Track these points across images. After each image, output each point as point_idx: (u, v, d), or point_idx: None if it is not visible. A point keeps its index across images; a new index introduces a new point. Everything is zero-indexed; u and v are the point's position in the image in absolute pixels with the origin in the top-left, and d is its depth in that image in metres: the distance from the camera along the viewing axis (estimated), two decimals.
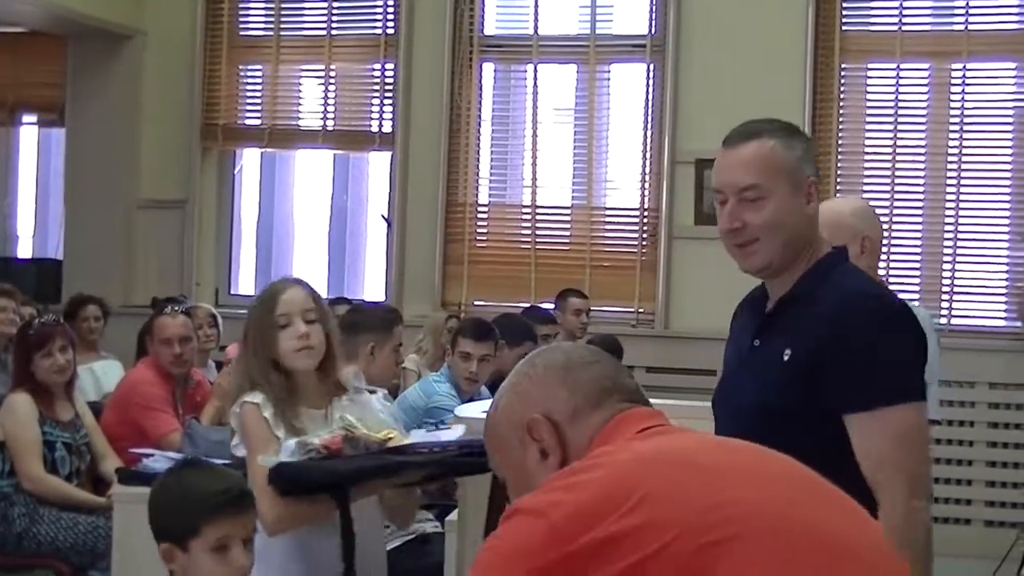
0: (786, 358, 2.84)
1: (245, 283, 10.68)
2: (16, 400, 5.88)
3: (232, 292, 10.42)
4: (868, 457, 2.73)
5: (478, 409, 4.67)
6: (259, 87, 10.34)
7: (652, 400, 2.21)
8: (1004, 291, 8.91)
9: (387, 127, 9.87)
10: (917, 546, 2.71)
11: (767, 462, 2.04)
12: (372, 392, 3.94)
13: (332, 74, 10.08)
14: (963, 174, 8.86)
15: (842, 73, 9.02)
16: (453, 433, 3.83)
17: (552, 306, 8.64)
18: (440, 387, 6.38)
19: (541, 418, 2.10)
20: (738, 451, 2.07)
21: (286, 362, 3.69)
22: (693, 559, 1.76)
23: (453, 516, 4.74)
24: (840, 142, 9.02)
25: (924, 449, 2.82)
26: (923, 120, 9.08)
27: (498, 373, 6.90)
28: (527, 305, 8.77)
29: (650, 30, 9.33)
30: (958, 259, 8.86)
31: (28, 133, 11.59)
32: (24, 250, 11.46)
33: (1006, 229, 8.94)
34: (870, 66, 9.15)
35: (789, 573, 1.80)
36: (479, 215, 9.80)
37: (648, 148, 9.30)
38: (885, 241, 8.85)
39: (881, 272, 8.58)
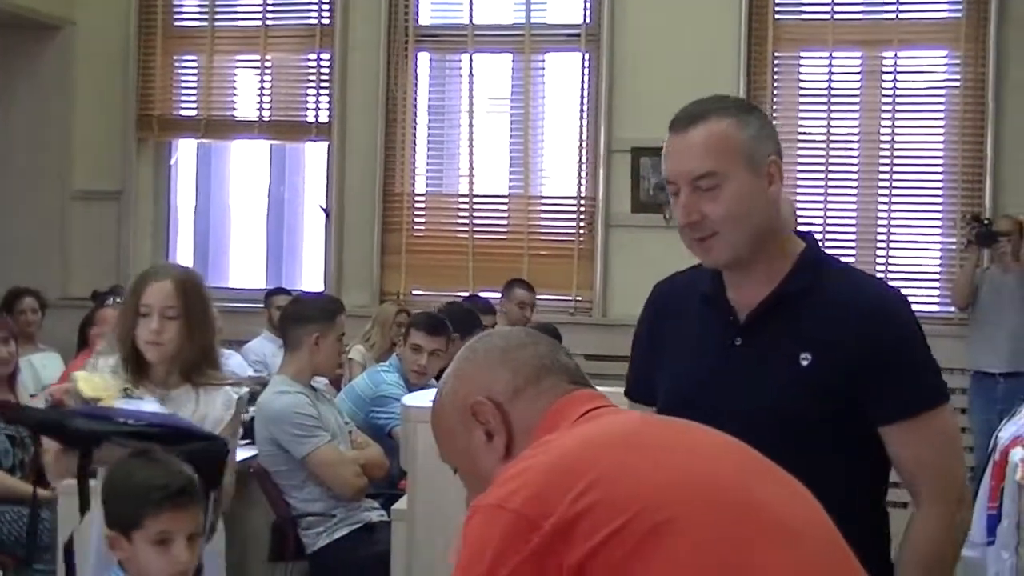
0: (804, 364, 2.58)
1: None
2: None
3: None
4: (915, 467, 2.58)
5: (427, 397, 4.72)
6: (194, 77, 10.30)
7: (610, 390, 2.24)
8: (937, 276, 9.05)
9: (323, 117, 9.87)
10: (956, 552, 2.63)
11: (711, 438, 2.07)
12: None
13: (268, 64, 10.06)
14: (896, 161, 8.99)
15: (775, 62, 9.12)
16: (151, 406, 3.78)
17: (498, 295, 8.68)
18: (388, 376, 6.42)
19: (484, 399, 2.10)
20: (681, 429, 2.09)
21: (138, 345, 3.88)
22: (647, 538, 1.79)
23: (400, 505, 4.78)
24: None
25: (962, 452, 2.72)
26: (856, 108, 9.20)
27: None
28: (466, 294, 8.82)
29: (585, 19, 9.38)
30: (892, 245, 9.00)
31: None
32: None
33: (939, 214, 9.08)
34: (803, 55, 9.26)
35: (735, 547, 1.83)
36: (416, 205, 9.82)
37: (584, 137, 9.36)
38: (821, 227, 9.03)
39: None
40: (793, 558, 1.86)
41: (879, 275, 8.83)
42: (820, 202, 9.07)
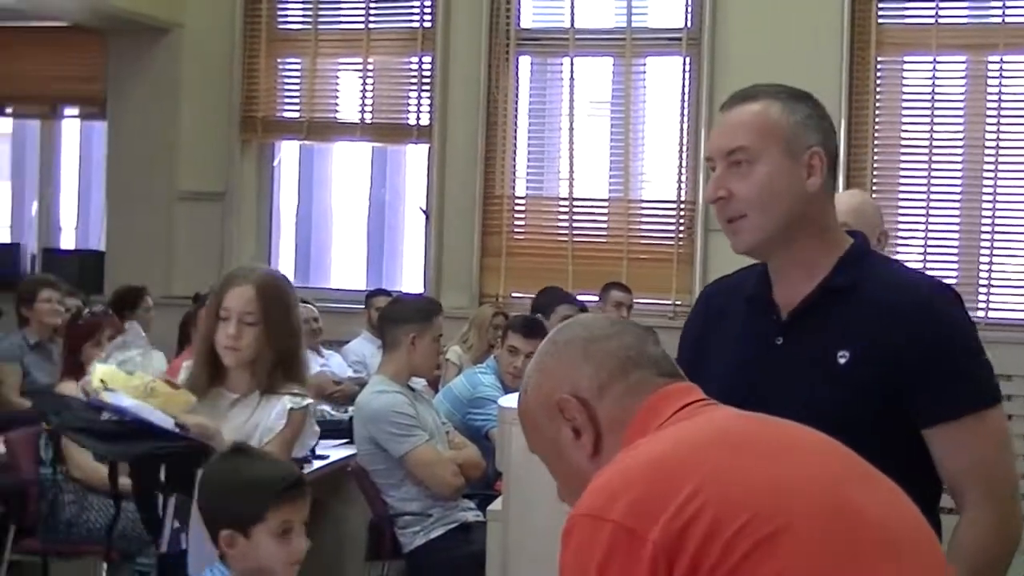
0: (842, 361, 2.50)
1: (285, 275, 10.74)
2: (65, 390, 5.97)
3: None
4: (961, 471, 2.49)
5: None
6: (297, 80, 10.42)
7: None
8: None
9: (424, 120, 9.94)
10: (1006, 557, 2.52)
11: (803, 436, 2.01)
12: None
13: (370, 67, 10.15)
14: (1000, 167, 8.87)
15: (878, 66, 9.04)
16: (128, 402, 3.59)
17: (596, 298, 8.70)
18: (485, 378, 6.47)
19: (569, 397, 2.05)
20: (775, 427, 2.02)
21: (217, 349, 3.90)
22: (760, 546, 1.72)
23: (495, 505, 4.80)
24: (876, 135, 9.04)
25: (1011, 454, 2.59)
26: (960, 113, 9.09)
27: None
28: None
29: (686, 23, 9.36)
30: (995, 252, 8.88)
31: (70, 126, 11.70)
32: (67, 241, 11.58)
33: None
34: (906, 59, 9.17)
35: (843, 563, 1.77)
36: (516, 207, 9.86)
37: (684, 141, 9.34)
38: (922, 234, 8.94)
39: (917, 265, 8.61)
40: (895, 569, 1.82)
41: (982, 283, 8.74)
42: (922, 208, 8.98)
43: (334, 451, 6.14)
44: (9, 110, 11.47)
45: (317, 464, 5.85)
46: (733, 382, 2.56)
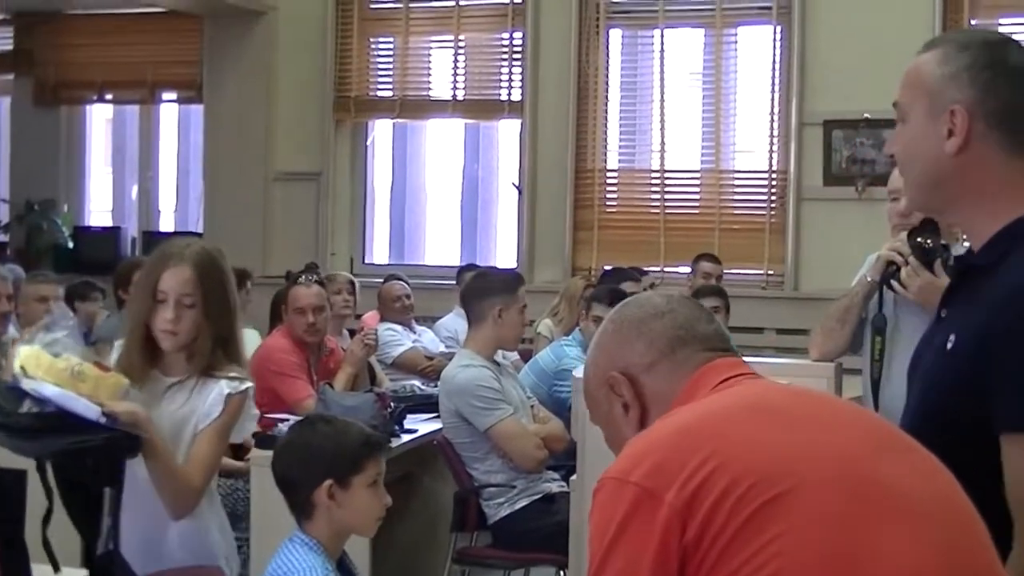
0: (949, 346, 2.24)
1: (379, 253, 10.87)
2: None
3: (367, 261, 10.62)
4: (1015, 493, 2.12)
5: None
6: (390, 59, 10.49)
7: (772, 360, 2.20)
8: None
9: (516, 95, 9.96)
10: None
11: (837, 408, 2.08)
12: None
13: (461, 44, 10.19)
14: None
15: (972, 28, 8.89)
16: (50, 391, 3.24)
17: (687, 270, 8.70)
18: (570, 350, 6.47)
19: (618, 375, 2.17)
20: (809, 398, 2.09)
21: (153, 332, 3.60)
22: (765, 508, 1.80)
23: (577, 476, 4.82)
24: None
25: None
26: None
27: None
28: (657, 269, 8.88)
29: None
30: None
31: (168, 110, 11.89)
32: (166, 224, 11.77)
33: None
34: (1001, 21, 9.02)
35: (854, 526, 1.82)
36: (608, 180, 9.86)
37: (776, 111, 9.27)
38: None
39: None
40: (912, 538, 1.83)
41: None
42: None
43: (423, 425, 6.17)
44: (109, 96, 11.67)
45: (406, 438, 5.90)
46: (914, 356, 2.46)
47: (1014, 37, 2.43)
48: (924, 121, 2.27)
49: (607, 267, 8.89)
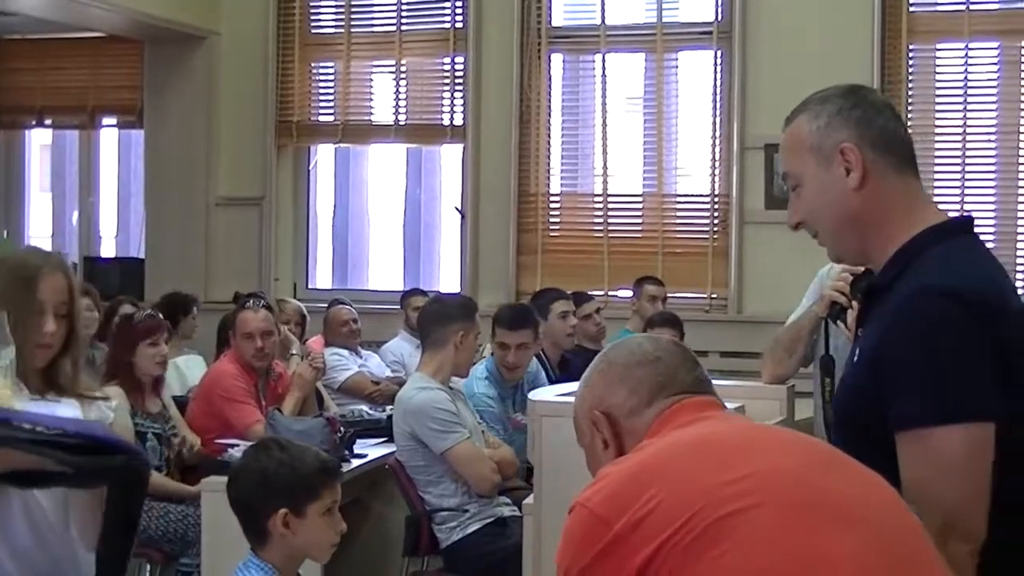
0: (855, 359, 2.47)
1: (323, 277, 10.86)
2: (109, 393, 6.03)
3: (310, 287, 10.60)
4: (906, 487, 2.27)
5: (552, 392, 4.78)
6: (331, 83, 10.50)
7: (727, 383, 2.37)
8: None
9: (458, 120, 9.99)
10: None
11: (783, 436, 2.37)
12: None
13: (403, 69, 10.21)
14: None
15: (910, 54, 9.02)
16: (70, 411, 3.23)
17: (630, 293, 8.75)
18: (479, 385, 6.39)
19: (600, 415, 2.40)
20: (761, 431, 2.35)
21: (26, 348, 3.18)
22: (711, 529, 1.98)
23: (530, 500, 4.84)
24: (909, 124, 8.98)
25: (968, 481, 2.29)
26: (993, 99, 9.06)
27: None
28: (600, 293, 8.92)
29: (717, 16, 9.37)
30: None
31: (108, 135, 11.82)
32: (107, 249, 11.69)
33: None
34: (939, 46, 9.16)
35: (799, 533, 1.99)
36: (551, 204, 9.90)
37: (717, 134, 9.35)
38: None
39: None
40: (857, 542, 1.99)
41: (1020, 272, 8.70)
42: (957, 196, 8.95)
43: (373, 450, 6.18)
44: (48, 121, 11.58)
45: (356, 463, 5.90)
46: None
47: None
48: (819, 174, 2.48)
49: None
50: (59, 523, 3.20)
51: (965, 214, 2.54)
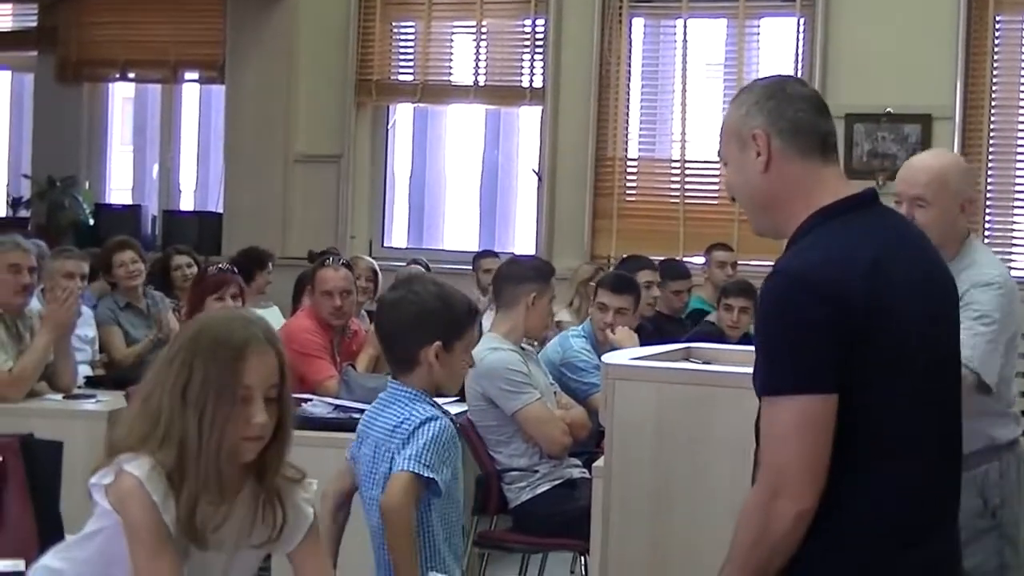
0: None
1: (398, 236, 10.91)
2: None
3: (385, 244, 10.65)
4: (763, 441, 2.60)
5: (626, 356, 4.80)
6: (411, 43, 10.52)
7: None
8: None
9: (538, 82, 9.99)
10: (760, 541, 2.55)
11: None
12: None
13: (483, 30, 10.21)
14: None
15: (996, 26, 8.90)
16: None
17: (702, 260, 8.74)
18: (576, 341, 6.40)
19: None
20: None
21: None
22: None
23: (600, 462, 4.86)
24: (994, 95, 8.91)
25: (796, 448, 2.52)
26: None
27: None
28: (675, 259, 8.90)
29: None
30: None
31: (190, 90, 11.91)
32: (186, 204, 11.80)
33: None
34: None
35: None
36: (628, 169, 9.89)
37: None
38: None
39: None
40: None
41: None
42: None
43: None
44: (131, 74, 11.67)
45: None
46: None
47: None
48: (738, 156, 2.74)
49: (624, 255, 8.90)
50: None
51: (868, 189, 2.77)
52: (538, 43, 9.98)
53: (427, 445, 3.51)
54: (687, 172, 9.64)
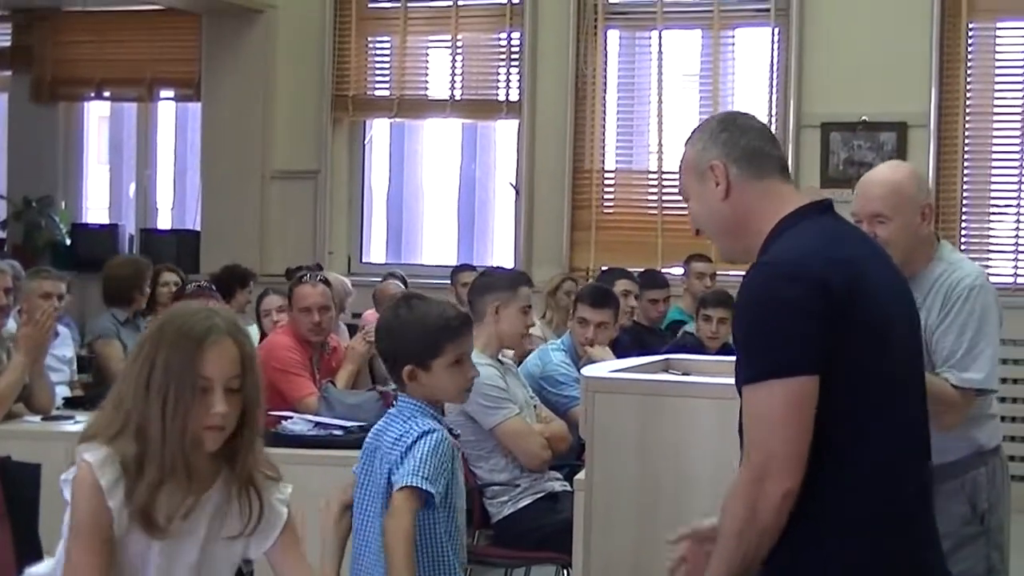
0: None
1: (377, 251, 10.90)
2: None
3: (364, 260, 10.64)
4: (745, 430, 2.67)
5: (605, 368, 4.79)
6: (387, 58, 10.53)
7: None
8: None
9: (514, 95, 9.99)
10: (748, 526, 2.61)
11: None
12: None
13: (459, 44, 10.22)
14: None
15: (970, 32, 8.94)
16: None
17: (680, 271, 8.74)
18: (555, 355, 6.40)
19: None
20: None
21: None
22: None
23: (581, 475, 4.86)
24: (968, 103, 8.94)
25: (785, 429, 2.59)
26: None
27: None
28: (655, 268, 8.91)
29: None
30: None
31: (166, 108, 11.90)
32: (164, 222, 11.78)
33: None
34: (999, 25, 9.06)
35: None
36: (606, 181, 9.90)
37: (773, 112, 9.31)
38: (1015, 202, 8.86)
39: (1010, 234, 8.57)
40: None
41: None
42: (1015, 176, 8.89)
43: None
44: (107, 93, 11.66)
45: None
46: None
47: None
48: (698, 188, 2.89)
49: (603, 267, 8.90)
50: None
51: (825, 198, 2.87)
52: (514, 56, 9.99)
53: (424, 458, 3.51)
54: (664, 183, 9.64)
